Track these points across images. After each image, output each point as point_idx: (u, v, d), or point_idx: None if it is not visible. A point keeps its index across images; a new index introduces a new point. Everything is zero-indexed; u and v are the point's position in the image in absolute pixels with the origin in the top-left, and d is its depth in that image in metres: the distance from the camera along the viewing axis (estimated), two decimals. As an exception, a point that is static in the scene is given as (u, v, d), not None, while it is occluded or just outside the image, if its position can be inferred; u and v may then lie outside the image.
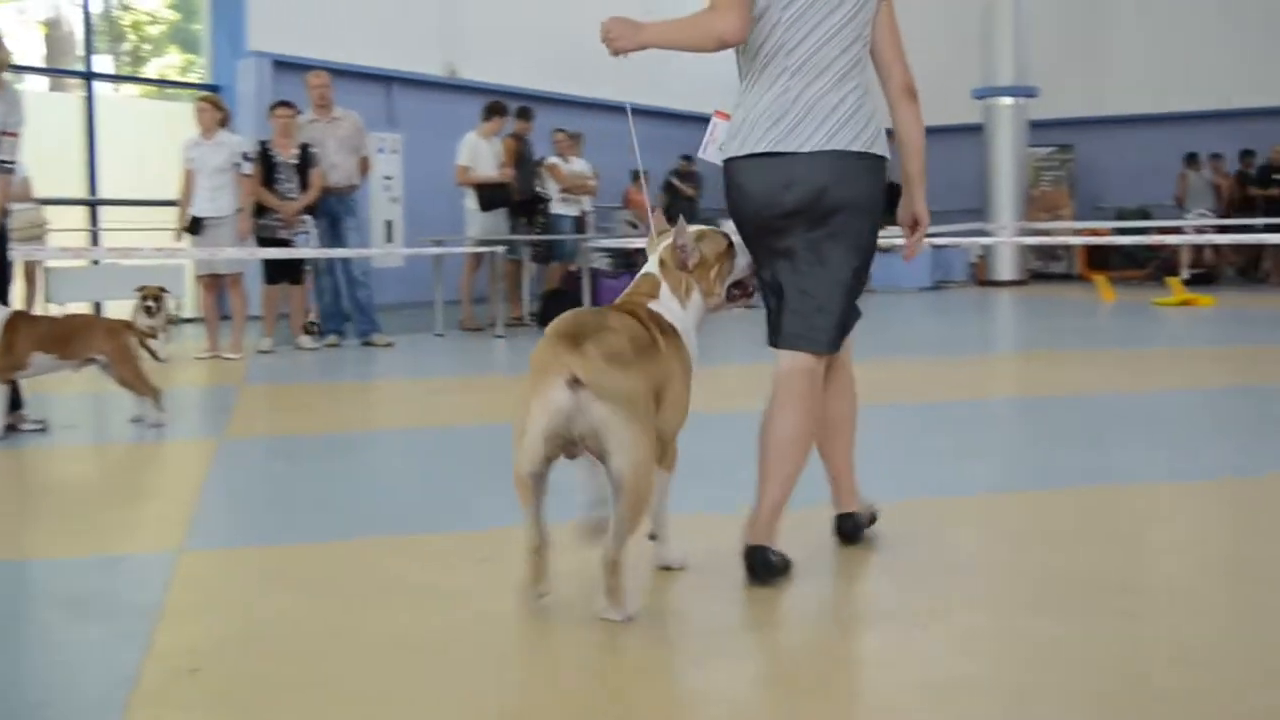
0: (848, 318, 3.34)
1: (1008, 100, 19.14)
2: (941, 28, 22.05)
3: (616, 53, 3.17)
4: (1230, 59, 20.55)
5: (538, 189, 12.57)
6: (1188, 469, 4.81)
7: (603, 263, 14.78)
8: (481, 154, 11.68)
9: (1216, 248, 18.17)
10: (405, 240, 13.91)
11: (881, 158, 3.29)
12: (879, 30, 3.35)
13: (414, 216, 14.18)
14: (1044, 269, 21.25)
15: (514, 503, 2.92)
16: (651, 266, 3.30)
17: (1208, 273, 18.20)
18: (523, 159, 12.25)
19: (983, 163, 19.39)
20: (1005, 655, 2.68)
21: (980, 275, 19.49)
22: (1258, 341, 10.45)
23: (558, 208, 12.88)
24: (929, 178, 3.53)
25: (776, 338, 3.35)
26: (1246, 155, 18.96)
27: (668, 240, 3.29)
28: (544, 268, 13.00)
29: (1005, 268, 19.09)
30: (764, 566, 3.19)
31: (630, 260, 17.39)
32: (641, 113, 20.42)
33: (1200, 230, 17.38)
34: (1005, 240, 17.54)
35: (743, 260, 3.38)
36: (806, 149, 3.20)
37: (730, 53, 3.34)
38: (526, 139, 12.46)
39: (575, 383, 2.76)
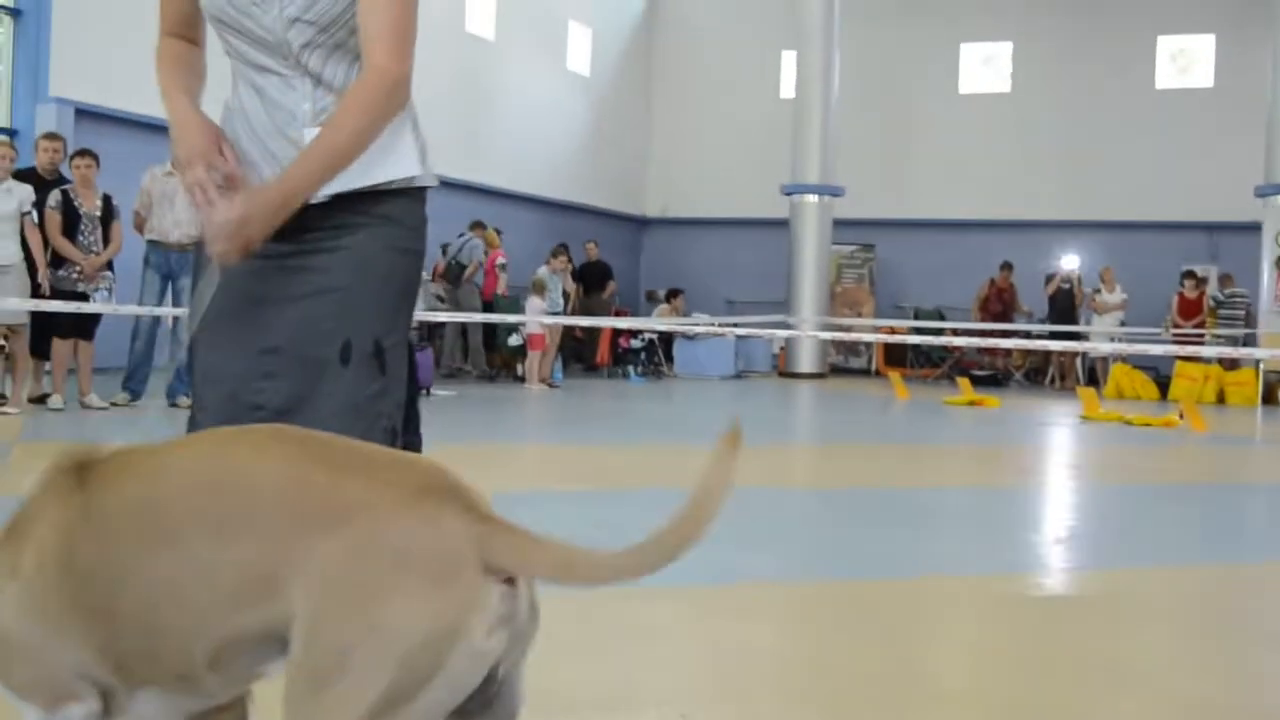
0: None
1: (813, 198, 19.46)
2: (754, 126, 22.78)
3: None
4: (1025, 175, 21.82)
5: None
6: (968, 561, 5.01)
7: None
8: None
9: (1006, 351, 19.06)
10: None
11: None
12: None
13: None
14: (844, 363, 21.75)
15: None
16: None
17: (995, 375, 19.09)
18: None
19: (788, 257, 19.92)
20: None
21: (782, 366, 19.97)
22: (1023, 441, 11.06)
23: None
24: (738, 268, 3.92)
25: None
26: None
27: None
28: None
29: (806, 360, 19.51)
30: None
31: None
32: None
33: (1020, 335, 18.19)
34: (807, 334, 18.08)
35: None
36: None
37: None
38: None
39: None
